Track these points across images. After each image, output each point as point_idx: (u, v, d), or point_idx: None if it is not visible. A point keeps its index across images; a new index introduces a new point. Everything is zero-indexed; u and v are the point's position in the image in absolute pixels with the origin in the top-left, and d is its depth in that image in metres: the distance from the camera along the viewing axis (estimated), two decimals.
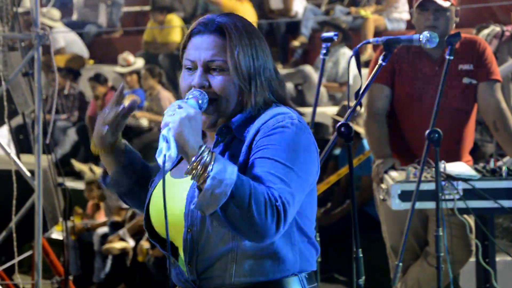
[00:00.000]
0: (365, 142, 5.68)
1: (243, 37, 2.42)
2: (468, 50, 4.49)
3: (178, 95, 10.97)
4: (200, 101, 2.32)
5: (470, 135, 4.63)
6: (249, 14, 10.32)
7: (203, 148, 2.17)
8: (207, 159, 2.15)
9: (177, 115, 2.19)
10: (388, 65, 4.37)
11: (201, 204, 2.15)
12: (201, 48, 2.38)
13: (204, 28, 2.41)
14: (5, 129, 7.87)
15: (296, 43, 10.20)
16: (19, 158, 5.30)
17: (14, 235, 5.09)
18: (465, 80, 4.51)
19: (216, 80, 2.37)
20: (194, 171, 2.15)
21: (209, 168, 2.14)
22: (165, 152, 2.15)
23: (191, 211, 2.31)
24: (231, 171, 2.15)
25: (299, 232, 2.34)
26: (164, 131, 2.17)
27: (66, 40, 12.09)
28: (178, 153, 2.17)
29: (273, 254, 2.30)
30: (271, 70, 2.41)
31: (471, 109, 4.59)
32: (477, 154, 5.73)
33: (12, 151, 5.36)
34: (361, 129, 6.45)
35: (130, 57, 10.75)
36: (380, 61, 3.48)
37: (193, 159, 2.16)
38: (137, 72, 10.64)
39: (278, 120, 2.29)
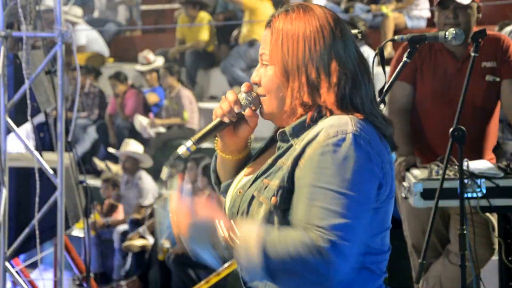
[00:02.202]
0: None
1: (287, 26, 2.22)
2: (492, 47, 4.47)
3: (197, 93, 11.04)
4: (243, 102, 2.25)
5: (493, 133, 4.61)
6: (269, 12, 10.31)
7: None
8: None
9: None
10: (410, 62, 4.36)
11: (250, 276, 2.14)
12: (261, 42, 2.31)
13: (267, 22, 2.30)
14: (25, 127, 7.92)
15: None
16: (41, 155, 5.32)
17: (37, 232, 5.12)
18: (488, 78, 4.49)
19: (262, 75, 2.26)
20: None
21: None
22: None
23: (230, 217, 2.24)
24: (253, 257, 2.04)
25: (365, 271, 2.20)
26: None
27: (88, 38, 12.15)
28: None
29: None
30: (341, 66, 2.19)
31: (494, 107, 4.57)
32: (498, 152, 5.69)
33: (34, 149, 5.38)
34: None
35: (150, 55, 10.77)
36: (404, 58, 3.47)
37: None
38: (157, 70, 10.66)
39: (329, 136, 2.11)
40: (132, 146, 9.12)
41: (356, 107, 2.19)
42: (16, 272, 5.36)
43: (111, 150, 9.68)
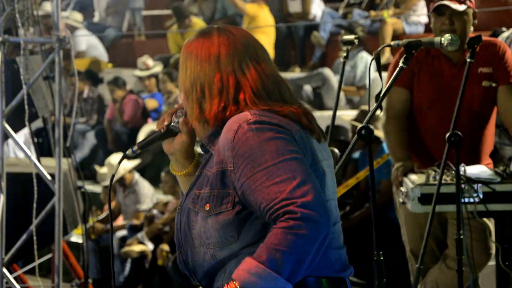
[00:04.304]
0: (385, 146, 5.69)
1: (181, 54, 2.48)
2: (488, 53, 4.48)
3: None
4: (175, 118, 2.53)
5: (490, 138, 4.62)
6: (268, 18, 10.35)
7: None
8: None
9: None
10: (407, 68, 4.36)
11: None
12: None
13: None
14: (24, 132, 7.91)
15: (318, 35, 10.20)
16: (39, 161, 5.32)
17: (35, 238, 5.12)
18: (485, 83, 4.50)
19: None
20: None
21: None
22: None
23: (176, 234, 2.47)
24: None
25: None
26: None
27: (88, 43, 12.16)
28: None
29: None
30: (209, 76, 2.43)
31: (491, 112, 4.58)
32: (495, 157, 5.70)
33: (32, 154, 5.39)
34: (380, 133, 6.45)
35: (149, 61, 10.78)
36: (401, 64, 3.48)
37: None
38: (155, 76, 10.67)
39: (234, 130, 2.32)
40: (120, 167, 9.03)
41: (255, 105, 2.38)
42: (14, 278, 5.36)
43: (103, 183, 9.43)
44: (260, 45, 2.50)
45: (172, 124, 2.53)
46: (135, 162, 9.18)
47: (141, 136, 10.21)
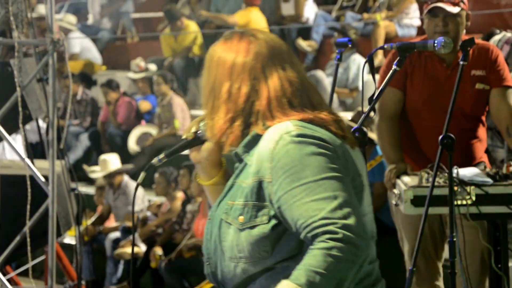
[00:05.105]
0: (379, 148, 5.70)
1: (211, 53, 2.41)
2: (481, 57, 4.50)
3: (189, 100, 11.02)
4: (202, 126, 2.46)
5: (483, 138, 4.64)
6: (260, 19, 10.36)
7: None
8: None
9: None
10: (401, 69, 4.39)
11: None
12: None
13: None
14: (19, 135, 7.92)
15: (303, 44, 10.22)
16: (33, 163, 5.33)
17: (28, 239, 5.12)
18: (479, 86, 4.53)
19: None
20: None
21: None
22: None
23: (206, 244, 2.37)
24: None
25: None
26: None
27: (82, 45, 12.17)
28: None
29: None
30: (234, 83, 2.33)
31: (483, 114, 4.61)
32: (488, 159, 5.73)
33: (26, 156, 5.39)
34: (374, 135, 6.46)
35: (143, 63, 10.79)
36: (394, 67, 3.49)
37: None
38: (149, 78, 10.68)
39: (276, 141, 2.23)
40: (111, 163, 9.06)
41: (287, 114, 2.29)
42: (8, 280, 5.36)
43: (93, 175, 9.51)
44: (288, 49, 2.41)
45: (199, 131, 2.45)
46: (129, 166, 9.19)
47: (132, 137, 10.22)
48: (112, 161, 9.04)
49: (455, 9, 4.41)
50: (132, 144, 10.15)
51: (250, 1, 10.53)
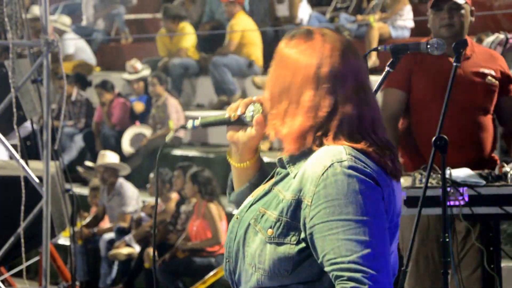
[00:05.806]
0: None
1: (283, 51, 2.23)
2: (489, 58, 4.53)
3: (183, 101, 11.02)
4: (249, 109, 2.30)
5: (493, 131, 4.60)
6: (247, 21, 10.35)
7: None
8: None
9: None
10: (405, 68, 4.36)
11: None
12: None
13: None
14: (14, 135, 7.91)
15: None
16: (27, 164, 5.33)
17: (22, 240, 5.12)
18: (488, 80, 4.52)
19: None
20: None
21: None
22: None
23: (229, 242, 2.28)
24: None
25: None
26: None
27: (76, 46, 12.17)
28: None
29: None
30: (327, 94, 2.15)
31: (491, 107, 4.57)
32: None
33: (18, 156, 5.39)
34: None
35: (138, 64, 10.80)
36: (387, 68, 3.50)
37: None
38: (144, 79, 10.68)
39: (325, 167, 2.11)
40: (109, 158, 9.10)
41: (349, 138, 2.17)
42: (2, 281, 5.37)
43: (88, 163, 9.64)
44: (366, 65, 2.26)
45: (245, 116, 2.33)
46: (126, 169, 9.19)
47: (126, 138, 10.23)
48: (110, 157, 9.10)
49: (459, 0, 4.41)
50: (126, 145, 10.16)
51: None
